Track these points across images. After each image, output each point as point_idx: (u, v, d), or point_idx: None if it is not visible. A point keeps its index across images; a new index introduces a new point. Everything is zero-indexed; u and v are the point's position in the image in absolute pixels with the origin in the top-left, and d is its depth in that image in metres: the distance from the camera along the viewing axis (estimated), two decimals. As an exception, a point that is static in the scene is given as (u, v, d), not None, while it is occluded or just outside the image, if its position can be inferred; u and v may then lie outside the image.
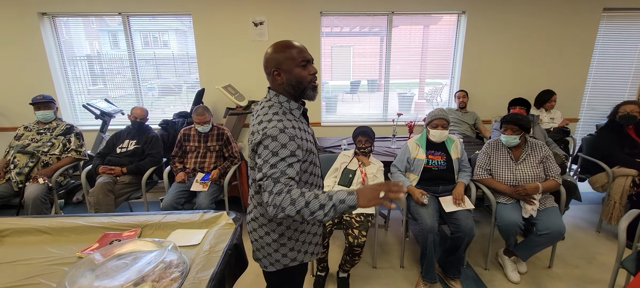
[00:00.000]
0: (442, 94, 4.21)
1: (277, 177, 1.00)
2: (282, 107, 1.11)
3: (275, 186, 0.99)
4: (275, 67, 1.09)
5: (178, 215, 1.67)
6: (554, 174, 2.18)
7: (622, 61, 3.98)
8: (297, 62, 1.09)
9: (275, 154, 1.01)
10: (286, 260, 1.22)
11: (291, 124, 1.07)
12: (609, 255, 2.51)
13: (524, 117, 2.20)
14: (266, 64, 1.11)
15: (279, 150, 1.01)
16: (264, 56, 1.12)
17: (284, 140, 1.02)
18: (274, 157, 1.01)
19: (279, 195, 0.98)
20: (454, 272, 2.19)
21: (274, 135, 1.02)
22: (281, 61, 1.08)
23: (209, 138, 2.73)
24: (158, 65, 3.94)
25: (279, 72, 1.09)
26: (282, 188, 0.99)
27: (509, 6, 3.65)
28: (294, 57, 1.08)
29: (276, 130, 1.02)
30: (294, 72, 1.09)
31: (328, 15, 3.73)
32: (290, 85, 1.10)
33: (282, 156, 1.01)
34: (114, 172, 2.66)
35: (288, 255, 1.22)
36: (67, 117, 3.95)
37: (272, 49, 1.10)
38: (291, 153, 1.03)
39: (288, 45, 1.09)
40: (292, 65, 1.08)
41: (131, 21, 3.73)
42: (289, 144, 1.03)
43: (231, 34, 3.64)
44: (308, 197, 0.98)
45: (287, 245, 1.21)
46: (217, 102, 3.82)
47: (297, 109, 1.14)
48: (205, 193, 2.47)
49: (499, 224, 2.17)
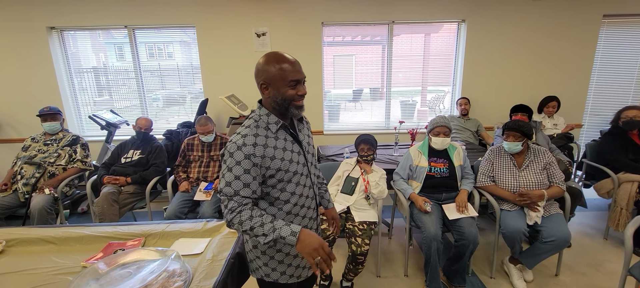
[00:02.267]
0: (444, 101, 4.22)
1: (231, 195, 1.05)
2: (260, 119, 1.11)
3: (229, 202, 1.05)
4: (264, 81, 1.07)
5: (181, 224, 1.68)
6: (558, 181, 2.17)
7: (624, 66, 3.97)
8: (286, 81, 1.06)
9: (230, 170, 1.04)
10: (260, 272, 1.25)
11: (255, 140, 1.06)
12: (616, 263, 2.47)
13: (526, 123, 2.20)
14: (256, 74, 1.09)
15: (233, 167, 1.04)
16: (256, 65, 1.09)
17: (239, 157, 1.04)
18: (229, 173, 1.04)
19: (232, 212, 1.05)
20: (458, 281, 2.17)
21: (231, 152, 1.05)
22: (271, 77, 1.06)
23: (213, 147, 2.76)
24: (163, 76, 4.00)
25: (266, 86, 1.08)
26: (234, 206, 1.05)
27: (508, 14, 3.68)
28: (284, 76, 1.06)
29: (234, 147, 1.05)
30: (281, 91, 1.07)
31: (329, 25, 3.78)
32: (275, 101, 1.09)
33: (236, 174, 1.04)
34: (118, 182, 2.69)
35: (261, 268, 1.24)
36: (74, 128, 4.01)
37: (265, 61, 1.07)
38: (245, 171, 1.04)
39: (281, 60, 1.06)
40: (281, 84, 1.06)
41: (137, 34, 3.80)
42: (244, 163, 1.04)
43: (234, 45, 3.70)
44: (254, 223, 1.04)
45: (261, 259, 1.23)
46: (220, 111, 3.86)
47: (274, 124, 1.11)
48: (208, 203, 2.48)
49: (504, 231, 2.15)
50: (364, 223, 2.10)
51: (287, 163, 1.13)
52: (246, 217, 1.04)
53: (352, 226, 2.09)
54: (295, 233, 1.02)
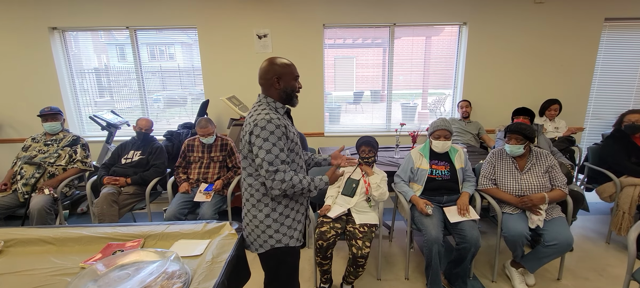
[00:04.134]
0: (445, 104, 4.21)
1: (271, 160, 1.27)
2: (269, 105, 1.38)
3: (276, 174, 1.28)
4: (278, 76, 1.37)
5: (181, 226, 1.67)
6: (560, 184, 2.15)
7: (626, 70, 3.96)
8: (293, 76, 1.41)
9: (266, 140, 1.27)
10: (273, 240, 1.42)
11: (277, 115, 1.33)
12: (619, 267, 2.45)
13: (528, 126, 2.19)
14: (267, 71, 1.38)
15: (268, 136, 1.27)
16: (265, 67, 1.39)
17: (271, 128, 1.27)
18: (266, 143, 1.27)
19: (283, 182, 1.29)
20: (460, 284, 2.15)
21: (262, 126, 1.27)
22: (283, 73, 1.38)
23: (213, 149, 2.75)
24: (164, 77, 4.00)
25: (279, 80, 1.38)
26: (282, 177, 1.29)
27: (509, 17, 3.68)
28: (292, 72, 1.41)
29: (264, 121, 1.27)
30: (290, 83, 1.41)
31: (331, 27, 3.78)
32: (284, 92, 1.40)
33: (273, 141, 1.28)
34: (118, 183, 2.68)
35: (273, 236, 1.42)
36: (74, 128, 4.01)
37: (274, 62, 1.38)
38: (279, 138, 1.29)
39: (287, 63, 1.40)
40: (290, 78, 1.40)
41: (139, 35, 3.81)
42: (276, 131, 1.28)
43: (235, 47, 3.70)
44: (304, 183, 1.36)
45: (272, 227, 1.41)
46: (221, 112, 3.86)
47: (281, 108, 1.41)
48: (208, 204, 2.47)
49: (505, 235, 2.13)
50: (364, 225, 2.09)
51: (293, 137, 1.40)
52: (297, 181, 1.33)
53: (352, 228, 2.08)
54: (327, 181, 1.48)
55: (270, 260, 1.49)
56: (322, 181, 1.44)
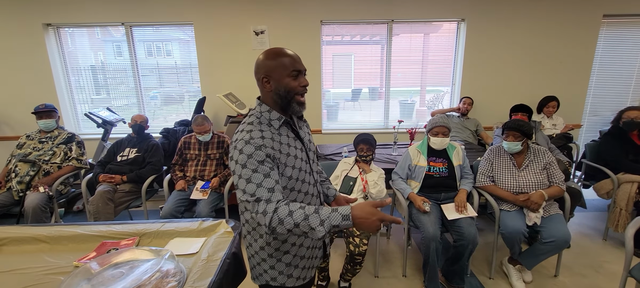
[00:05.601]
0: (443, 101, 4.20)
1: (253, 191, 0.96)
2: (262, 116, 1.07)
3: (257, 205, 0.96)
4: (265, 74, 1.04)
5: (176, 224, 1.65)
6: (558, 181, 2.15)
7: (624, 67, 3.96)
8: (288, 71, 1.04)
9: (244, 167, 0.97)
10: (267, 276, 1.18)
11: (261, 134, 1.02)
12: (616, 264, 2.46)
13: (525, 123, 2.18)
14: (257, 70, 1.07)
15: (246, 163, 0.97)
16: (256, 62, 1.07)
17: (249, 150, 0.98)
18: (244, 170, 0.97)
19: (265, 215, 0.94)
20: (457, 281, 2.15)
21: (240, 149, 0.99)
22: (272, 68, 1.03)
23: (210, 146, 2.73)
24: (161, 74, 3.97)
25: (268, 79, 1.05)
26: (265, 208, 0.95)
27: (508, 13, 3.66)
28: (286, 65, 1.03)
29: (242, 143, 0.99)
30: (284, 82, 1.04)
31: (328, 24, 3.76)
32: (277, 95, 1.06)
33: (252, 168, 0.97)
34: (114, 181, 2.65)
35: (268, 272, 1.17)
36: (70, 126, 3.97)
37: (264, 55, 1.05)
38: (259, 162, 0.98)
39: (280, 53, 1.04)
40: (282, 74, 1.04)
41: (135, 31, 3.77)
42: (256, 154, 0.98)
43: (232, 43, 3.67)
44: (296, 218, 0.92)
45: (267, 262, 1.16)
46: (218, 110, 3.83)
47: (277, 120, 1.07)
48: (205, 202, 2.45)
49: (503, 232, 2.13)
50: (362, 223, 2.07)
51: (292, 159, 1.09)
52: (285, 214, 0.93)
53: (350, 226, 2.06)
54: (348, 216, 0.91)
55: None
56: (336, 214, 0.91)
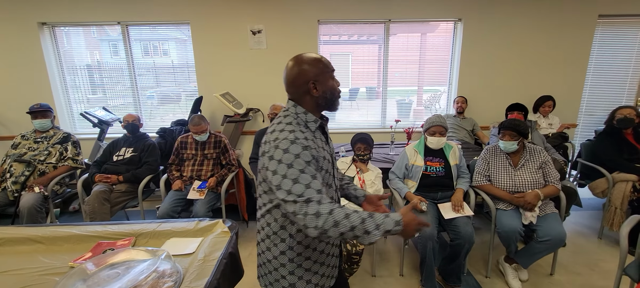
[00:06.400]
0: (440, 100, 4.21)
1: (301, 191, 0.92)
2: (298, 117, 1.06)
3: (308, 206, 0.91)
4: (314, 80, 1.05)
5: (173, 224, 1.65)
6: (554, 180, 2.16)
7: (619, 66, 3.99)
8: (330, 74, 1.09)
9: (291, 166, 0.94)
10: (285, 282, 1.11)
11: (304, 135, 1.01)
12: (611, 262, 2.47)
13: (521, 122, 2.19)
14: (297, 78, 1.05)
15: (293, 162, 0.94)
16: (293, 70, 1.06)
17: (296, 150, 0.95)
18: (291, 170, 0.93)
19: (318, 217, 0.90)
20: (454, 280, 2.16)
21: (284, 148, 0.95)
22: (318, 74, 1.05)
23: (207, 146, 2.72)
24: (158, 73, 3.95)
25: (315, 84, 1.06)
26: (318, 209, 0.91)
27: (504, 13, 3.68)
28: (328, 69, 1.08)
29: (287, 142, 0.96)
30: (329, 84, 1.08)
31: (325, 23, 3.75)
32: (324, 98, 1.08)
33: (299, 168, 0.94)
34: (110, 181, 2.64)
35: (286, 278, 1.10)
36: (66, 126, 3.95)
37: (307, 63, 1.05)
38: (307, 163, 0.95)
39: (319, 59, 1.07)
40: (327, 77, 1.08)
41: (131, 31, 3.75)
42: (303, 154, 0.95)
43: (229, 43, 3.66)
44: (353, 221, 0.90)
45: (286, 267, 1.09)
46: (215, 109, 3.82)
47: (313, 122, 1.07)
48: (202, 202, 2.45)
49: (499, 231, 2.14)
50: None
51: (325, 162, 1.08)
52: (341, 216, 0.90)
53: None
54: (399, 222, 0.93)
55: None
56: (389, 220, 0.93)
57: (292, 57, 1.08)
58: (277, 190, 0.95)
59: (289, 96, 1.11)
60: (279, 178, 0.94)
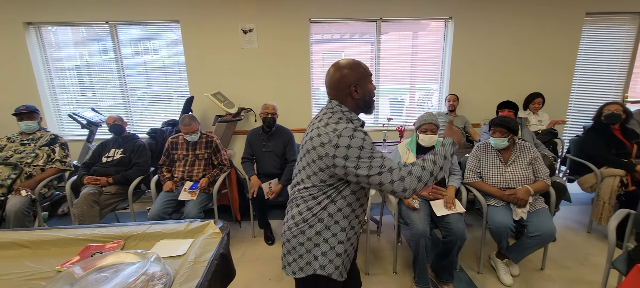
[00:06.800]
0: (432, 98, 4.24)
1: (381, 165, 1.07)
2: (344, 115, 1.17)
3: (392, 173, 1.07)
4: (355, 84, 1.16)
5: (163, 225, 1.63)
6: (543, 175, 2.19)
7: (606, 63, 4.05)
8: (369, 78, 1.20)
9: (362, 148, 1.06)
10: (316, 264, 1.20)
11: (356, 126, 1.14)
12: (600, 256, 2.51)
13: (511, 119, 2.21)
14: (339, 82, 1.17)
15: (363, 144, 1.07)
16: (334, 76, 1.18)
17: (361, 135, 1.08)
18: (364, 151, 1.06)
19: (402, 180, 1.08)
20: (446, 277, 2.17)
21: (349, 135, 1.07)
22: (359, 78, 1.17)
23: (198, 146, 2.69)
24: (148, 73, 3.90)
25: (357, 87, 1.17)
26: (400, 174, 1.08)
27: (494, 11, 3.71)
28: (368, 74, 1.20)
29: (350, 130, 1.08)
30: (368, 87, 1.20)
31: (317, 22, 3.74)
32: (363, 100, 1.20)
33: (369, 148, 1.08)
34: (99, 183, 2.60)
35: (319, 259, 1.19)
36: (54, 127, 3.88)
37: (348, 68, 1.17)
38: (372, 144, 1.10)
39: (358, 64, 1.19)
40: (366, 81, 1.19)
41: (120, 30, 3.69)
42: (367, 139, 1.09)
43: (220, 42, 3.63)
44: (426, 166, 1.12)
45: (320, 247, 1.19)
46: (206, 109, 3.79)
47: (357, 120, 1.20)
48: (193, 202, 2.42)
49: (490, 227, 2.16)
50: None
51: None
52: (419, 171, 1.11)
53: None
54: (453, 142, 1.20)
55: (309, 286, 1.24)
56: (448, 147, 1.18)
57: (333, 64, 1.20)
58: (357, 169, 1.06)
59: (330, 98, 1.21)
60: (353, 160, 1.06)
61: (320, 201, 1.16)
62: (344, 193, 1.17)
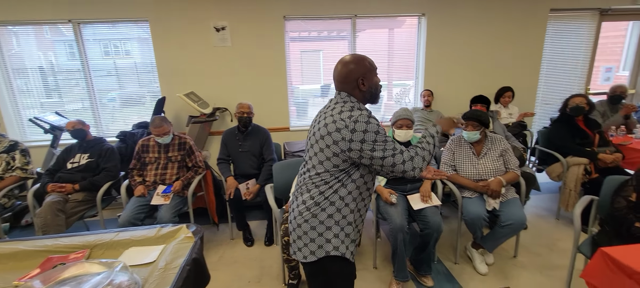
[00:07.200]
0: (409, 94, 4.30)
1: (394, 148, 1.16)
2: (355, 104, 1.23)
3: (403, 155, 1.18)
4: (362, 77, 1.22)
5: (132, 232, 1.56)
6: (513, 166, 2.26)
7: (570, 57, 4.25)
8: (374, 71, 1.27)
9: (378, 133, 1.14)
10: (329, 246, 1.24)
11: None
12: (568, 241, 2.63)
13: (482, 113, 2.27)
14: (347, 76, 1.23)
15: (378, 129, 1.15)
16: (341, 71, 1.24)
17: (375, 122, 1.16)
18: (380, 135, 1.14)
19: (413, 160, 1.19)
20: (425, 269, 2.21)
21: (364, 121, 1.14)
22: (365, 72, 1.23)
23: (170, 148, 2.60)
24: (120, 74, 3.73)
25: (363, 80, 1.23)
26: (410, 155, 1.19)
27: (464, 8, 3.80)
28: (373, 67, 1.26)
29: (365, 117, 1.15)
30: (374, 80, 1.26)
31: (292, 19, 3.71)
32: (369, 92, 1.26)
33: (383, 133, 1.16)
34: (64, 190, 2.46)
35: (332, 241, 1.24)
36: (14, 133, 3.64)
37: (354, 63, 1.23)
38: (384, 131, 1.17)
39: (364, 58, 1.25)
40: (372, 74, 1.26)
41: (86, 29, 3.51)
42: (380, 126, 1.16)
43: (192, 40, 3.52)
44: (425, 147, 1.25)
45: (332, 230, 1.23)
46: (180, 110, 3.67)
47: (365, 110, 1.24)
48: (167, 207, 2.34)
49: (465, 218, 2.21)
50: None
51: None
52: (421, 152, 1.22)
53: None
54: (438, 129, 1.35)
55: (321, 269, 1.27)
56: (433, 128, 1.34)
57: (340, 60, 1.26)
58: (373, 152, 1.14)
59: (338, 90, 1.26)
60: (369, 144, 1.14)
61: (332, 185, 1.21)
62: (354, 177, 1.22)
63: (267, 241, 2.74)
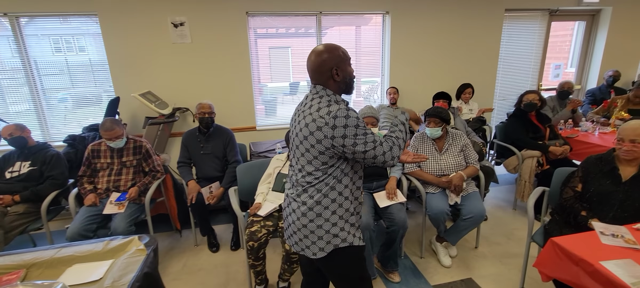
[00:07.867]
0: (378, 91, 4.34)
1: (374, 140, 1.16)
2: (331, 98, 1.22)
3: (383, 146, 1.18)
4: (336, 67, 1.21)
5: (77, 248, 1.42)
6: (473, 161, 2.34)
7: (524, 55, 4.50)
8: (348, 61, 1.25)
9: (358, 126, 1.14)
10: (337, 240, 1.26)
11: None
12: (524, 230, 2.77)
13: (443, 109, 2.33)
14: (320, 66, 1.21)
15: (358, 123, 1.15)
16: (315, 61, 1.22)
17: (354, 115, 1.15)
18: (359, 129, 1.15)
19: (391, 149, 1.20)
20: (392, 265, 2.23)
21: (344, 115, 1.13)
22: (339, 61, 1.22)
23: (125, 152, 2.43)
24: (72, 73, 3.42)
25: (337, 70, 1.21)
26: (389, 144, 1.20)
27: (426, 6, 3.88)
28: (347, 57, 1.25)
29: (344, 111, 1.14)
30: (348, 70, 1.26)
31: (256, 15, 3.60)
32: (344, 82, 1.25)
33: (363, 126, 1.16)
34: (3, 202, 2.22)
35: (339, 235, 1.26)
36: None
37: (327, 52, 1.21)
38: (364, 124, 1.17)
39: (338, 47, 1.24)
40: (346, 64, 1.24)
41: (29, 23, 3.18)
42: (360, 120, 1.16)
43: (148, 36, 3.31)
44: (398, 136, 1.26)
45: (338, 225, 1.25)
46: (136, 111, 3.45)
47: (342, 101, 1.24)
48: (121, 216, 2.18)
49: (429, 213, 2.26)
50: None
51: None
52: (396, 142, 1.23)
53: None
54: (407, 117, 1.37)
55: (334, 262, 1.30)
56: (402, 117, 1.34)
57: (312, 50, 1.23)
58: (355, 146, 1.15)
59: (313, 83, 1.25)
60: (351, 138, 1.14)
61: (328, 182, 1.22)
62: (346, 170, 1.24)
63: (233, 246, 2.65)
